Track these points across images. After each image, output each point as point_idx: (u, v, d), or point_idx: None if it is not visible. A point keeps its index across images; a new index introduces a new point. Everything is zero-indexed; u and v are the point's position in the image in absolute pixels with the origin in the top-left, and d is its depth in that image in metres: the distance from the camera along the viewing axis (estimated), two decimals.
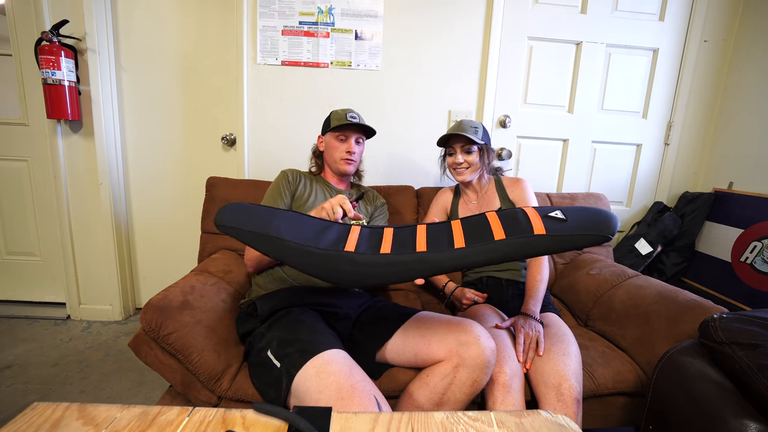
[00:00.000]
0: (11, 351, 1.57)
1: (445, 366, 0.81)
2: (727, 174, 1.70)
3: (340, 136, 1.17)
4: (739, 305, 1.49)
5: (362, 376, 0.75)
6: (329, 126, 1.18)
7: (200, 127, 1.79)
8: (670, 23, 1.69)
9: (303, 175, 1.20)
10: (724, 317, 0.82)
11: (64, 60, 1.56)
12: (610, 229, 0.64)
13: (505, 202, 1.24)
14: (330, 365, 0.74)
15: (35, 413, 0.49)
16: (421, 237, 0.72)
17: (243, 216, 0.72)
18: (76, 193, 1.77)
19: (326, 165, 1.24)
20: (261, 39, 1.60)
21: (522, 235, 0.66)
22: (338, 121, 1.15)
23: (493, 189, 1.28)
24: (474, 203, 1.30)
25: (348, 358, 0.79)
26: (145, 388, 1.38)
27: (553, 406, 0.83)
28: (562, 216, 0.67)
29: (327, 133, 1.19)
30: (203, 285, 1.03)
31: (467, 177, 1.23)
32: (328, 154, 1.20)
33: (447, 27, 1.63)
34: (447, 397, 0.80)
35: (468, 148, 1.20)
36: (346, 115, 1.15)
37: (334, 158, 1.18)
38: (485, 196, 1.28)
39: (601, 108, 1.75)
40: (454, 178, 1.27)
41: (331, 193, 1.20)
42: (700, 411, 0.76)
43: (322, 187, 1.20)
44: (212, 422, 0.50)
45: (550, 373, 0.87)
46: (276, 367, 0.80)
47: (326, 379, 0.72)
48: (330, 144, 1.18)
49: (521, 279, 1.20)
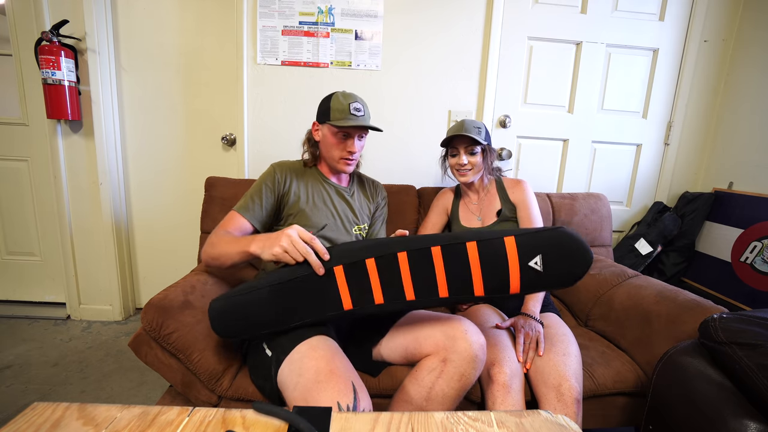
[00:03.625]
0: (11, 351, 1.57)
1: (432, 360, 0.82)
2: (727, 174, 1.70)
3: (340, 133, 1.03)
4: (739, 305, 1.49)
5: (344, 362, 0.76)
6: (328, 116, 1.02)
7: (200, 127, 1.79)
8: (670, 23, 1.69)
9: (294, 171, 1.08)
10: (724, 317, 0.81)
11: (64, 60, 1.56)
12: (582, 274, 0.72)
13: (506, 204, 1.24)
14: (314, 350, 0.75)
15: (35, 413, 0.49)
16: (407, 281, 0.77)
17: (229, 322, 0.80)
18: (76, 193, 1.77)
19: (322, 159, 1.12)
20: (261, 39, 1.60)
21: (499, 292, 0.74)
22: (340, 114, 1.01)
23: (493, 189, 1.28)
24: (475, 204, 1.29)
25: (334, 344, 0.80)
26: (145, 388, 1.38)
27: (553, 406, 0.83)
28: (540, 267, 0.72)
29: (325, 123, 1.04)
30: (204, 285, 1.03)
31: (470, 178, 1.22)
32: (325, 149, 1.07)
33: (447, 27, 1.63)
34: (435, 392, 0.79)
35: (472, 149, 1.18)
36: (349, 108, 1.01)
37: (332, 156, 1.06)
38: (486, 197, 1.28)
39: (601, 108, 1.75)
40: (457, 179, 1.26)
41: (326, 189, 1.09)
42: (700, 411, 0.76)
43: (318, 181, 1.10)
44: (212, 422, 0.50)
45: (550, 373, 0.87)
46: (268, 356, 0.81)
47: (308, 363, 0.73)
48: (328, 139, 1.05)
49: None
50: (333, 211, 1.08)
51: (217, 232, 0.96)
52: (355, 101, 1.03)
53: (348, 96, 1.04)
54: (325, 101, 1.06)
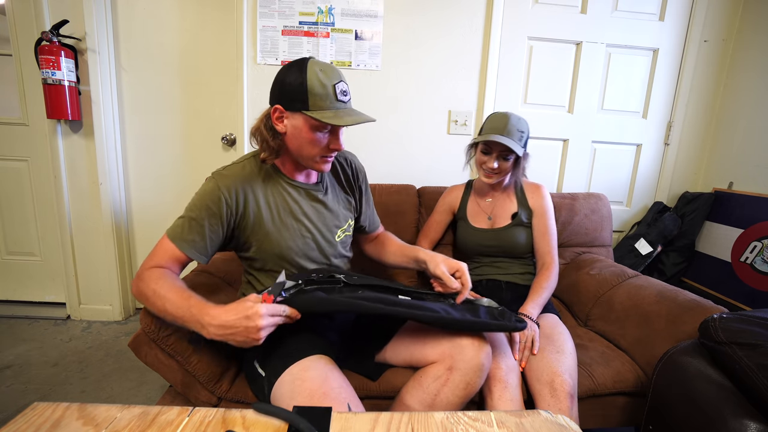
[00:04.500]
0: (11, 351, 1.57)
1: (438, 367, 0.80)
2: (727, 174, 1.70)
3: (323, 127, 0.79)
4: (739, 305, 1.49)
5: (339, 382, 0.72)
6: (304, 102, 0.75)
7: (200, 127, 1.79)
8: (670, 23, 1.69)
9: (245, 181, 0.83)
10: (724, 317, 0.81)
11: (64, 60, 1.56)
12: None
13: (523, 208, 1.20)
14: (306, 371, 0.72)
15: (35, 413, 0.49)
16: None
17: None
18: (76, 193, 1.77)
19: (286, 154, 0.85)
20: (261, 39, 1.60)
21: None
22: (323, 101, 0.76)
23: (511, 190, 1.23)
24: (488, 202, 1.24)
25: (328, 364, 0.76)
26: (145, 388, 1.38)
27: (547, 402, 0.84)
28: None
29: (299, 112, 0.77)
30: (203, 285, 1.03)
31: (494, 181, 1.16)
32: (297, 144, 0.81)
33: (447, 27, 1.63)
34: (439, 399, 0.78)
35: (507, 153, 1.10)
36: (335, 91, 0.77)
37: (307, 154, 0.82)
38: (501, 196, 1.23)
39: (601, 108, 1.75)
40: (480, 177, 1.18)
41: (292, 195, 0.87)
42: (700, 411, 0.76)
43: (279, 186, 0.87)
44: (212, 422, 0.50)
45: (544, 370, 0.88)
46: (261, 376, 0.79)
47: (300, 385, 0.70)
48: (302, 133, 0.79)
49: (521, 282, 1.19)
50: (307, 224, 0.89)
51: (155, 273, 0.77)
52: (339, 80, 0.78)
53: (328, 71, 0.77)
54: (295, 77, 0.76)
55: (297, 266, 0.89)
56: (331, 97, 0.77)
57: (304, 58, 0.79)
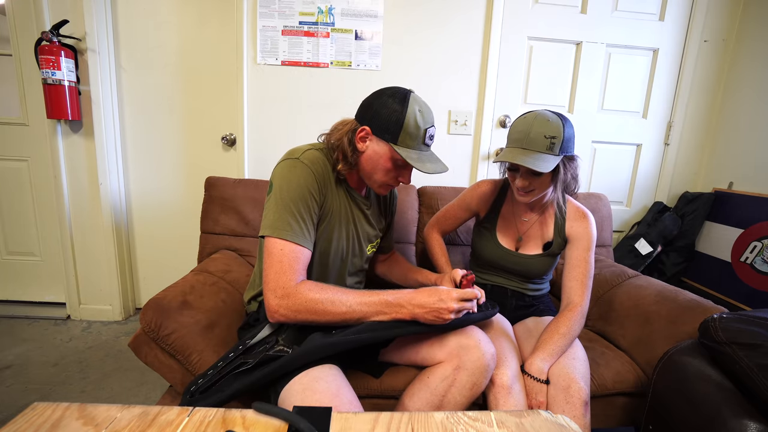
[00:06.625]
0: (11, 351, 1.57)
1: (445, 368, 0.81)
2: (727, 174, 1.70)
3: (400, 161, 0.83)
4: (739, 305, 1.49)
5: (350, 397, 0.71)
6: (395, 135, 0.80)
7: (200, 127, 1.79)
8: (670, 23, 1.69)
9: (327, 178, 0.86)
10: (724, 317, 0.81)
11: (64, 60, 1.56)
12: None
13: (559, 238, 1.04)
14: (317, 383, 0.71)
15: (35, 413, 0.49)
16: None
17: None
18: (76, 193, 1.77)
19: (358, 170, 0.89)
20: (261, 39, 1.60)
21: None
22: (412, 141, 0.81)
23: (551, 211, 1.05)
24: (524, 221, 1.07)
25: (338, 375, 0.74)
26: (145, 388, 1.38)
27: (561, 408, 0.83)
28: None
29: (385, 141, 0.82)
30: (203, 285, 1.03)
31: (530, 200, 0.99)
32: (370, 166, 0.85)
33: (447, 27, 1.63)
34: (447, 400, 0.79)
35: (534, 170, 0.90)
36: (425, 135, 0.82)
37: (375, 178, 0.87)
38: (539, 218, 1.06)
39: (601, 108, 1.75)
40: (516, 195, 1.00)
41: (351, 204, 0.92)
42: (699, 411, 0.76)
43: (345, 194, 0.91)
44: (212, 422, 0.50)
45: (559, 375, 0.87)
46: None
47: (311, 396, 0.69)
48: (380, 159, 0.83)
49: (527, 292, 1.13)
50: (353, 231, 0.93)
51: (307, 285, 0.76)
52: (432, 125, 0.83)
53: (425, 114, 0.82)
54: (393, 109, 0.80)
55: (327, 266, 0.91)
56: (420, 140, 0.82)
57: (406, 91, 0.83)
